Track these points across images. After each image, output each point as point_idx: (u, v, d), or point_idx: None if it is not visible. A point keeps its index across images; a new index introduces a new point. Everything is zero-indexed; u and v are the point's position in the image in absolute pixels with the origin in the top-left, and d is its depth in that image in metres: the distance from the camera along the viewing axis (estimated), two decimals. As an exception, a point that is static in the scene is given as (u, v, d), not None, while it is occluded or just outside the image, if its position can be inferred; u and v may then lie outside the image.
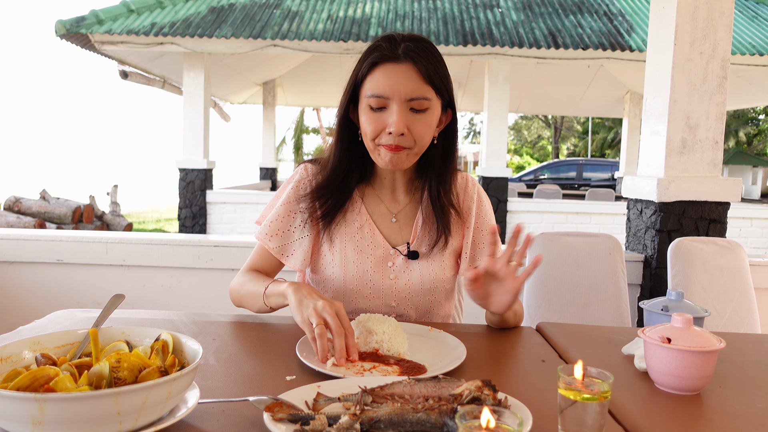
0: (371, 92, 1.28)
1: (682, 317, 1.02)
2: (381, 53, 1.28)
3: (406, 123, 1.27)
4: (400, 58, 1.27)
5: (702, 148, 2.71)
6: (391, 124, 1.26)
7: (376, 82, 1.28)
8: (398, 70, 1.27)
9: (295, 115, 22.08)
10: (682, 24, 2.64)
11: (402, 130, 1.26)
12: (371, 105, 1.28)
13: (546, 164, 17.84)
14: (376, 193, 1.46)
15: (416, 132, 1.29)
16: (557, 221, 8.26)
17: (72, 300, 2.67)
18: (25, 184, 15.46)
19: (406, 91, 1.26)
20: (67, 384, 0.74)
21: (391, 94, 1.26)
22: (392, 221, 1.44)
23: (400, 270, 1.41)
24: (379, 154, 1.31)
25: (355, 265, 1.40)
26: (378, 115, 1.28)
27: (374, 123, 1.28)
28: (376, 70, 1.28)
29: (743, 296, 2.20)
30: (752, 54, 7.72)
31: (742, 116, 24.21)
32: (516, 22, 8.39)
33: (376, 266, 1.40)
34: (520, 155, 35.60)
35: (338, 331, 1.08)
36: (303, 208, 1.42)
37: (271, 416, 0.79)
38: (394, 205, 1.46)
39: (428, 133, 1.32)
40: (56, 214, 7.77)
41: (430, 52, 1.29)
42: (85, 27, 7.49)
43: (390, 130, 1.26)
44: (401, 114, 1.26)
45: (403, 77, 1.26)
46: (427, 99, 1.28)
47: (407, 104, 1.27)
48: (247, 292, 1.38)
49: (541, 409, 0.88)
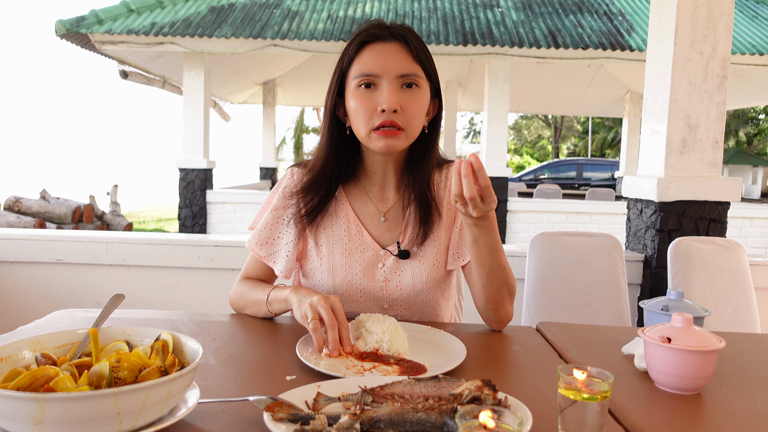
0: (361, 72, 1.26)
1: (682, 317, 1.02)
2: (369, 33, 1.28)
3: (398, 99, 1.24)
4: (388, 38, 1.27)
5: (702, 147, 2.71)
6: (384, 100, 1.23)
7: (364, 62, 1.26)
8: (387, 48, 1.26)
9: (295, 115, 22.11)
10: (682, 24, 2.64)
11: (395, 106, 1.23)
12: (361, 83, 1.26)
13: (546, 164, 17.85)
14: (364, 192, 1.42)
15: (409, 110, 1.25)
16: (557, 221, 8.26)
17: (72, 300, 2.67)
18: (25, 184, 15.46)
19: (397, 68, 1.24)
20: (67, 384, 0.74)
21: (381, 72, 1.24)
22: (381, 221, 1.40)
23: (390, 271, 1.37)
24: (372, 140, 1.27)
25: (344, 269, 1.37)
26: (368, 94, 1.25)
27: (365, 103, 1.25)
28: (364, 51, 1.27)
29: (743, 296, 2.20)
30: (752, 54, 7.72)
31: (742, 116, 24.21)
32: (516, 21, 8.39)
33: (365, 269, 1.38)
34: (520, 155, 35.60)
35: (331, 324, 1.10)
36: (289, 212, 1.40)
37: (271, 416, 0.79)
38: (382, 203, 1.41)
39: (420, 114, 1.29)
40: (56, 214, 7.78)
41: (417, 36, 1.30)
42: (85, 27, 7.49)
43: (383, 107, 1.23)
44: (393, 89, 1.24)
45: (393, 55, 1.25)
46: (418, 76, 1.26)
47: (398, 81, 1.25)
48: (249, 302, 1.39)
49: (541, 409, 0.89)
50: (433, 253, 1.39)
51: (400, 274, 1.38)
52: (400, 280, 1.38)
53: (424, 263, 1.37)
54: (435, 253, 1.39)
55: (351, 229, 1.39)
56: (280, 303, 1.30)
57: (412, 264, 1.37)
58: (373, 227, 1.40)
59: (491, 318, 1.34)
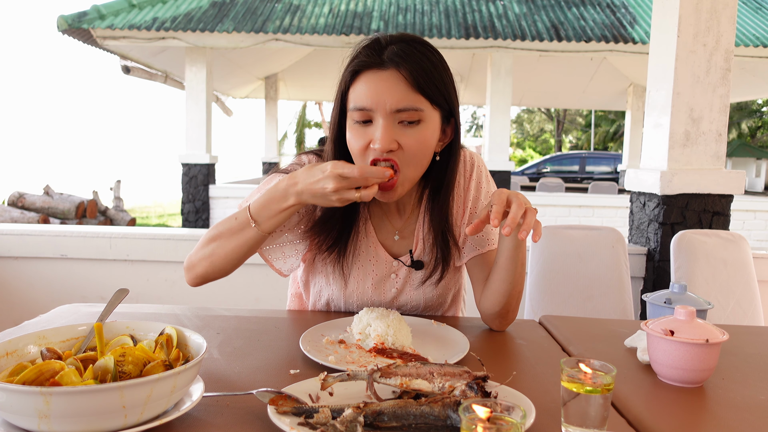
0: (354, 104, 1.12)
1: (685, 310, 1.02)
2: (361, 60, 1.12)
3: (393, 137, 1.10)
4: (384, 64, 1.10)
5: (705, 140, 2.70)
6: (376, 139, 1.09)
7: (358, 93, 1.12)
8: (382, 78, 1.10)
9: (297, 109, 22.07)
10: (686, 16, 2.62)
11: (389, 146, 1.09)
12: (355, 119, 1.13)
13: (549, 157, 17.80)
14: (382, 210, 1.34)
15: (408, 149, 1.11)
16: (560, 214, 8.25)
17: (76, 295, 2.68)
18: (29, 180, 15.49)
19: (391, 102, 1.09)
20: (72, 378, 0.75)
21: (374, 106, 1.10)
22: (395, 239, 1.34)
23: (403, 282, 1.34)
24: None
25: (356, 281, 1.33)
26: (364, 130, 1.12)
27: (358, 140, 1.13)
28: (359, 80, 1.13)
29: (746, 289, 2.20)
30: (756, 46, 7.67)
31: (746, 108, 24.10)
32: (518, 14, 8.35)
33: (377, 283, 1.34)
34: (523, 148, 35.51)
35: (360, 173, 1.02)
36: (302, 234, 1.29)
37: (275, 409, 0.79)
38: (397, 221, 1.35)
39: (422, 151, 1.14)
40: (60, 209, 7.80)
41: (422, 55, 1.12)
42: (87, 22, 7.49)
43: (374, 146, 1.10)
44: (387, 127, 1.09)
45: (386, 86, 1.09)
46: (418, 110, 1.11)
47: (394, 116, 1.10)
48: (219, 235, 1.18)
49: (544, 402, 0.89)
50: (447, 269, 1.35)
51: (412, 284, 1.34)
52: (411, 291, 1.35)
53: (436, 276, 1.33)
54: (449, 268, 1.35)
55: (368, 240, 1.33)
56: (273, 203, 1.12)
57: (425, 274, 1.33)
58: (387, 243, 1.35)
59: (497, 322, 1.31)
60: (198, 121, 8.04)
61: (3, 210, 7.43)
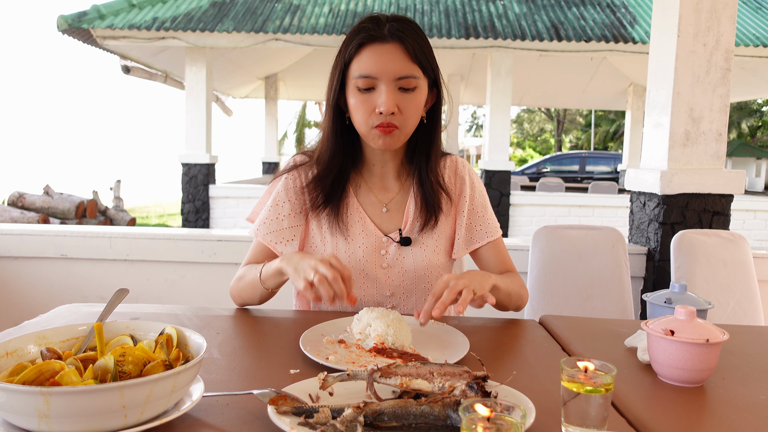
0: (359, 73, 1.28)
1: (686, 309, 1.02)
2: (367, 33, 1.28)
3: (395, 102, 1.28)
4: (386, 38, 1.28)
5: (705, 140, 2.70)
6: (381, 104, 1.27)
7: (363, 63, 1.28)
8: (385, 50, 1.28)
9: (297, 109, 22.06)
10: (686, 15, 2.62)
11: (392, 109, 1.27)
12: (359, 86, 1.29)
13: (549, 157, 17.81)
14: (366, 183, 1.46)
15: (406, 111, 1.30)
16: (560, 214, 8.26)
17: (76, 294, 2.68)
18: (29, 180, 15.49)
19: (394, 71, 1.27)
20: (72, 378, 0.74)
21: (379, 74, 1.27)
22: (383, 211, 1.44)
23: (393, 258, 1.42)
24: (371, 136, 1.32)
25: (347, 255, 1.41)
26: (367, 96, 1.29)
27: (364, 105, 1.29)
28: (363, 51, 1.29)
29: (746, 288, 2.20)
30: (756, 45, 7.67)
31: (746, 108, 24.10)
32: (518, 14, 8.35)
33: (369, 255, 1.41)
34: (523, 148, 35.52)
35: (334, 277, 1.10)
36: (295, 200, 1.43)
37: (275, 409, 0.79)
38: (384, 194, 1.46)
39: (417, 113, 1.33)
40: (60, 209, 7.80)
41: (415, 32, 1.31)
42: (87, 22, 7.49)
43: (380, 110, 1.27)
44: (390, 93, 1.27)
45: (390, 57, 1.27)
46: (415, 77, 1.29)
47: (396, 83, 1.28)
48: (245, 285, 1.40)
49: (544, 402, 0.89)
50: (435, 240, 1.43)
51: (402, 260, 1.42)
52: (402, 266, 1.41)
53: (425, 250, 1.42)
54: (436, 239, 1.44)
55: (354, 216, 1.43)
56: (274, 277, 1.30)
57: (414, 251, 1.42)
58: (375, 216, 1.44)
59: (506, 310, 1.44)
60: (198, 120, 8.05)
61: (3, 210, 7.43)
